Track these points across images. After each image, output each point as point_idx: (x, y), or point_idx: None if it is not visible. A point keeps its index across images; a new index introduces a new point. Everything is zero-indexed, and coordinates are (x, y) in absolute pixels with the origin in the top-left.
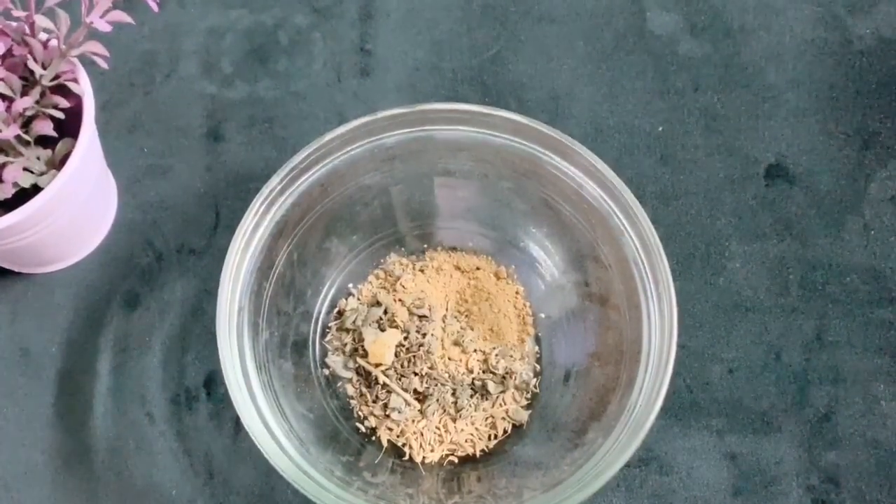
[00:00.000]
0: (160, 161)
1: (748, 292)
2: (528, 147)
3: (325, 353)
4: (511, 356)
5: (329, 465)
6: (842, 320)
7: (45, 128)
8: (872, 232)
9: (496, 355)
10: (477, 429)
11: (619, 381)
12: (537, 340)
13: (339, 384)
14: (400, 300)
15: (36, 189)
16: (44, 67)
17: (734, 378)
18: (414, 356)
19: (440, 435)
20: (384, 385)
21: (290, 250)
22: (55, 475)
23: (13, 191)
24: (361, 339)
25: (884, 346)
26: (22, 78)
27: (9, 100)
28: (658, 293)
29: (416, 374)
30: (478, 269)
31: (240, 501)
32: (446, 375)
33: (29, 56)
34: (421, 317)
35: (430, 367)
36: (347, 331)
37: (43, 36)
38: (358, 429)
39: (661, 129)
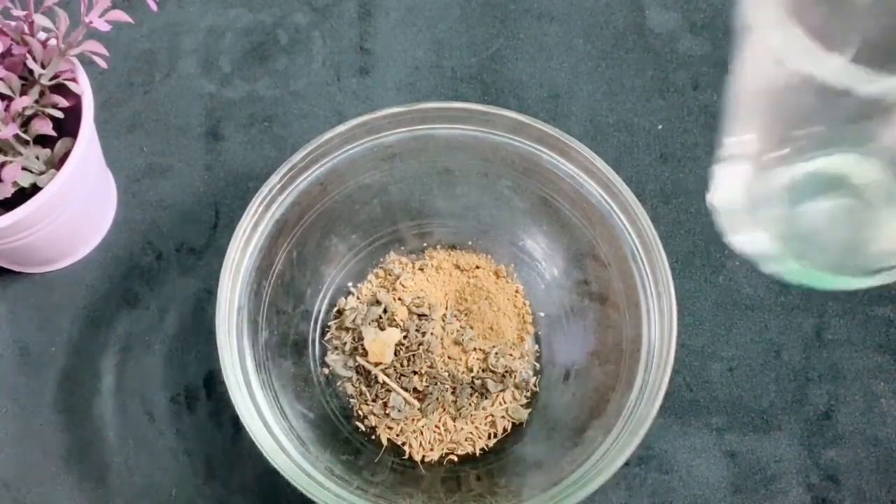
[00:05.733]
0: (160, 160)
1: (748, 290)
2: (527, 145)
3: (324, 352)
4: (511, 355)
5: (329, 464)
6: (842, 318)
7: (44, 127)
8: None
9: (496, 354)
10: (476, 427)
11: (618, 380)
12: (537, 339)
13: (339, 383)
14: (399, 299)
15: (35, 188)
16: (43, 67)
17: (734, 376)
18: (413, 355)
19: (440, 434)
20: (384, 384)
21: (290, 249)
22: (55, 475)
23: (13, 190)
24: (361, 338)
25: (884, 344)
26: (21, 77)
27: (8, 99)
28: (658, 291)
29: (415, 372)
30: (477, 267)
31: (240, 501)
32: (446, 374)
33: (28, 55)
34: (420, 315)
35: (430, 366)
36: (347, 330)
37: (42, 35)
38: (357, 428)
39: (660, 127)
